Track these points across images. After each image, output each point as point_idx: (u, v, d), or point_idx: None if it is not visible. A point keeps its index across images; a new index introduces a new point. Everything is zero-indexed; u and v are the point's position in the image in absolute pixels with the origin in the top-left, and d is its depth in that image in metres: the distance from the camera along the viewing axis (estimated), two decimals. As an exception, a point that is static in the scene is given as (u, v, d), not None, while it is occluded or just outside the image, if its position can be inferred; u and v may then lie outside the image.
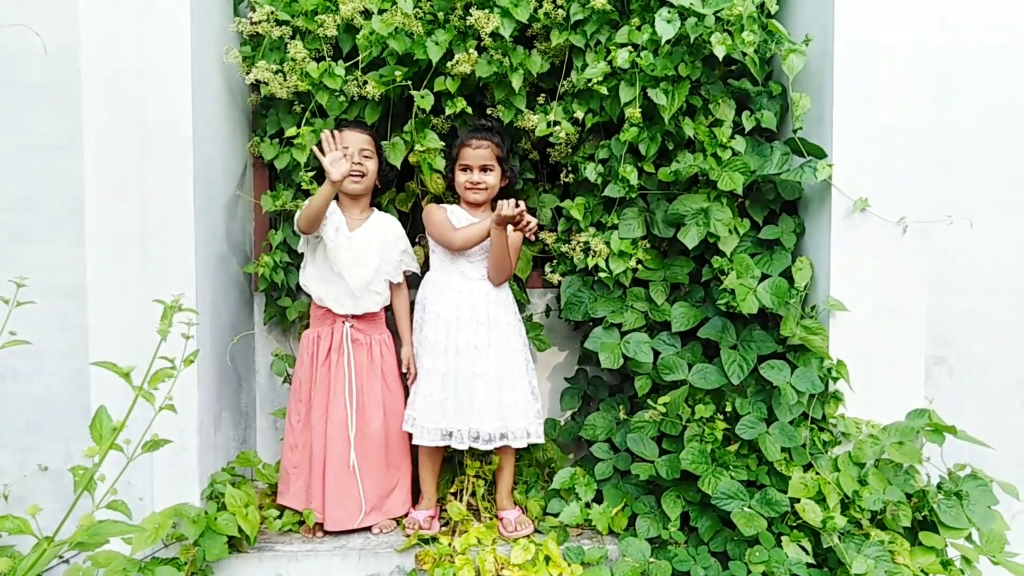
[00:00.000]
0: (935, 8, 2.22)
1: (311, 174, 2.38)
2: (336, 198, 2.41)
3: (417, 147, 2.41)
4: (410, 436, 2.35)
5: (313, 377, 2.35)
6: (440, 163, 2.43)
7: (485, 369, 2.29)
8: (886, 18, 2.19)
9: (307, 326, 2.48)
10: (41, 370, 2.47)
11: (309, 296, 2.42)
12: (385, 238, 2.39)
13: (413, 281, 2.53)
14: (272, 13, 2.36)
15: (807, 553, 2.03)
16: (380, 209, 2.52)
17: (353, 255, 2.31)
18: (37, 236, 2.45)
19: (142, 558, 2.00)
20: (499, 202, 2.13)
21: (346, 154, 2.26)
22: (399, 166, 2.45)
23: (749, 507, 2.08)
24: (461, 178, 2.38)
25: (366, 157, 2.36)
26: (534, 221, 2.18)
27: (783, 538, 2.06)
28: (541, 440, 2.35)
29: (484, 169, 2.36)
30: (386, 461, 2.37)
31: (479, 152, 2.35)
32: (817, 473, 2.13)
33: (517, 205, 2.11)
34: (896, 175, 2.22)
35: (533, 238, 2.35)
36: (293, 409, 2.39)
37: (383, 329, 2.46)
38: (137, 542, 1.96)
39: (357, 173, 2.33)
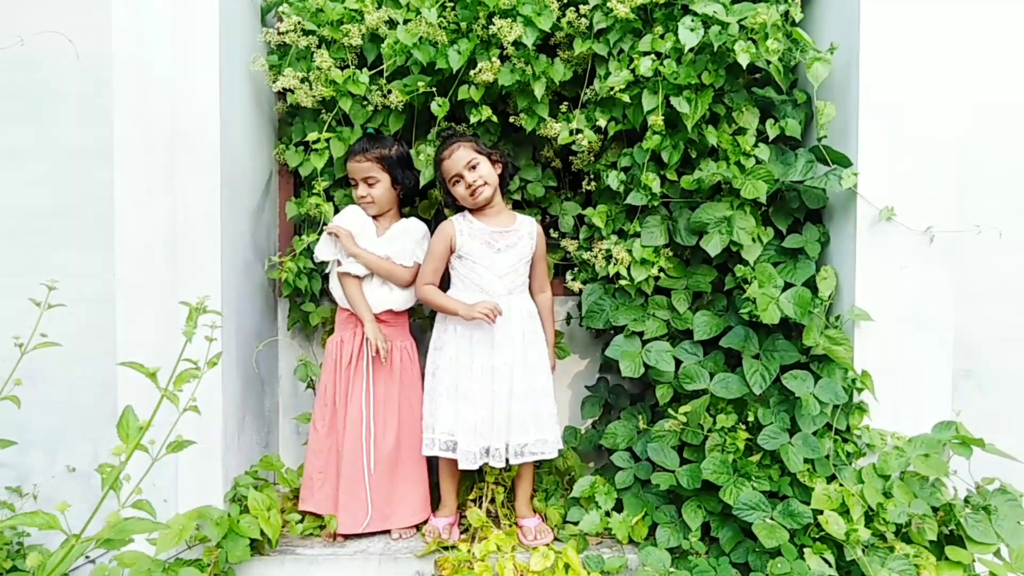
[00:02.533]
0: (963, 16, 2.19)
1: (326, 183, 2.41)
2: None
3: (428, 152, 2.44)
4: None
5: (337, 382, 2.37)
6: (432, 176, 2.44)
7: (521, 385, 2.27)
8: (912, 26, 2.17)
9: (331, 332, 2.50)
10: (70, 373, 2.52)
11: (333, 302, 2.44)
12: (404, 242, 2.41)
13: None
14: (299, 23, 2.40)
15: (830, 566, 2.00)
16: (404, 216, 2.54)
17: (380, 255, 2.37)
18: (68, 242, 2.51)
19: (166, 559, 2.03)
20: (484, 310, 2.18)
21: (355, 184, 2.40)
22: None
23: (771, 518, 2.05)
24: (458, 191, 2.32)
25: (371, 185, 2.39)
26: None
27: (805, 550, 2.03)
28: (555, 453, 2.35)
29: (470, 167, 2.29)
30: (404, 469, 2.38)
31: (455, 158, 2.29)
32: (841, 485, 2.10)
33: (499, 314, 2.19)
34: (923, 184, 2.19)
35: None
36: (318, 414, 2.41)
37: (407, 335, 2.47)
38: (161, 543, 1.99)
39: (364, 202, 2.41)
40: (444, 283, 2.44)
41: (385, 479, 2.34)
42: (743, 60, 2.12)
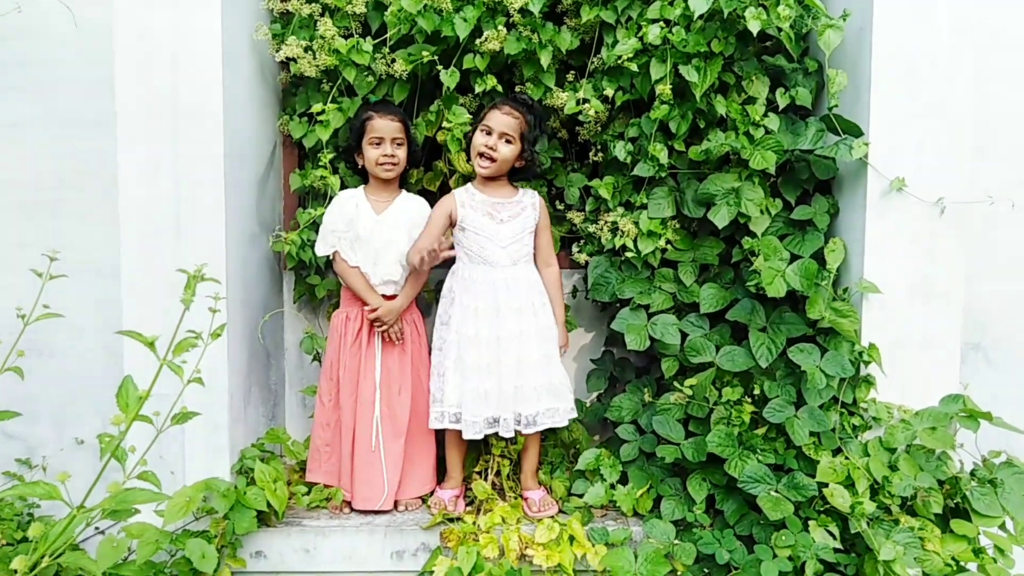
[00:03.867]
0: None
1: (331, 155, 2.39)
2: (366, 181, 2.42)
3: (445, 124, 2.40)
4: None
5: (343, 358, 2.37)
6: (453, 146, 2.41)
7: (528, 354, 2.27)
8: (928, -8, 2.12)
9: (336, 305, 2.50)
10: (78, 345, 2.53)
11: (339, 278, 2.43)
12: (411, 217, 2.38)
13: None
14: (302, -9, 2.36)
15: (834, 538, 2.01)
16: (408, 189, 2.52)
17: (384, 238, 2.33)
18: (74, 213, 2.50)
19: (173, 531, 2.04)
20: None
21: (379, 142, 2.31)
22: (426, 144, 2.44)
23: (776, 491, 2.06)
24: (477, 140, 2.28)
25: (398, 145, 2.35)
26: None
27: (810, 523, 2.04)
28: (567, 421, 2.35)
29: (504, 138, 2.27)
30: (412, 442, 2.38)
31: (505, 119, 2.26)
32: (846, 458, 2.10)
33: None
34: (935, 155, 2.16)
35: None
36: (324, 388, 2.41)
37: (413, 309, 2.46)
38: (169, 514, 2.01)
39: (389, 163, 2.34)
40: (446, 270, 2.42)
41: (395, 453, 2.35)
42: (754, 27, 2.08)
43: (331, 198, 2.42)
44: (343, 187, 2.47)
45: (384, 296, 2.36)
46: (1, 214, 2.50)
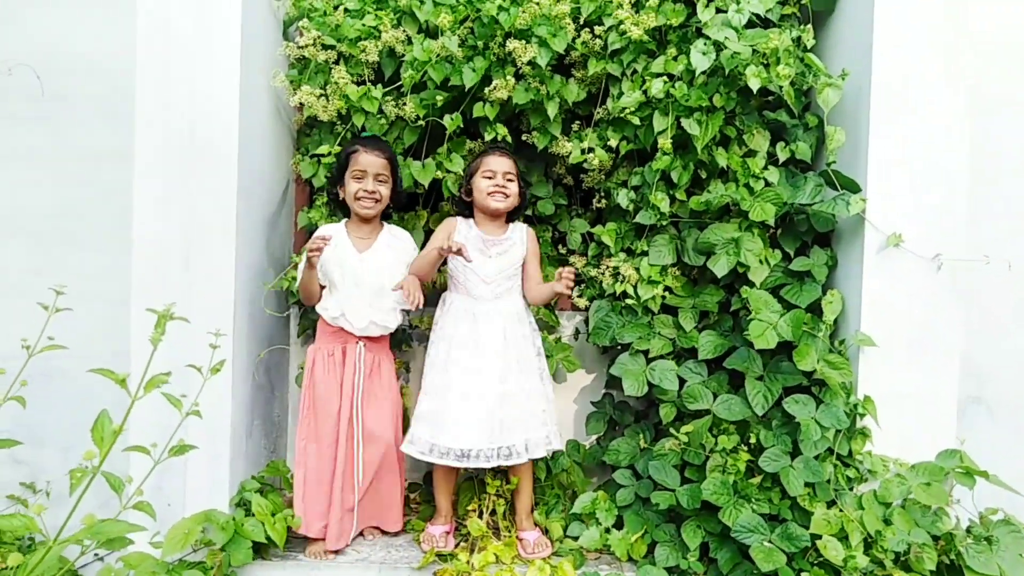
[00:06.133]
0: (974, 49, 2.20)
1: (323, 200, 2.47)
2: (347, 216, 2.43)
3: (445, 166, 2.48)
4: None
5: (316, 395, 2.33)
6: (454, 188, 2.47)
7: (507, 386, 2.30)
8: (924, 53, 2.18)
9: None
10: (86, 372, 2.56)
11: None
12: (397, 256, 2.38)
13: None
14: (318, 38, 2.45)
15: (827, 591, 2.00)
16: (413, 228, 2.57)
17: (367, 283, 2.32)
18: (87, 243, 2.56)
19: (170, 562, 2.07)
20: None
21: (362, 177, 2.31)
22: (427, 186, 2.52)
23: (769, 541, 2.06)
24: (484, 184, 2.34)
25: (381, 182, 2.34)
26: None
27: (803, 574, 2.03)
28: (562, 447, 2.37)
29: (507, 177, 2.36)
30: (385, 479, 2.38)
31: (503, 160, 2.36)
32: (841, 510, 2.10)
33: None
34: (931, 211, 2.20)
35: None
36: (300, 426, 2.35)
37: (388, 350, 2.46)
38: (167, 546, 2.03)
39: (370, 198, 2.32)
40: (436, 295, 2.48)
41: (375, 488, 2.36)
42: (754, 84, 2.14)
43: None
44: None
45: (368, 338, 2.34)
46: (15, 241, 2.56)
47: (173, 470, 2.20)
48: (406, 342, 2.80)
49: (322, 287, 2.38)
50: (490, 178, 2.35)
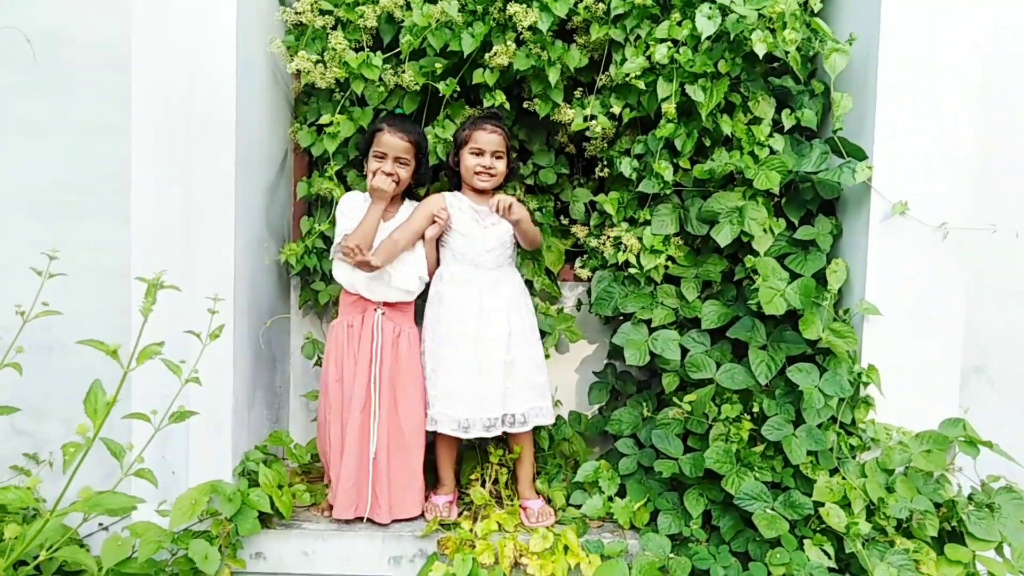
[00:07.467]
0: (985, 11, 2.16)
1: (339, 165, 2.41)
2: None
3: (435, 132, 2.45)
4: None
5: (344, 367, 2.33)
6: (443, 154, 2.44)
7: (512, 355, 2.31)
8: (933, 19, 2.14)
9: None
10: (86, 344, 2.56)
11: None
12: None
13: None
14: (315, 3, 2.40)
15: (829, 558, 2.01)
16: (416, 199, 2.55)
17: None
18: (87, 216, 2.54)
19: (176, 531, 2.08)
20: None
21: (383, 157, 2.30)
22: (435, 154, 2.48)
23: (772, 509, 2.07)
24: (471, 161, 2.34)
25: (402, 165, 2.33)
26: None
27: (805, 541, 2.05)
28: (552, 420, 2.40)
29: (496, 156, 2.35)
30: (406, 456, 2.34)
31: (492, 137, 2.34)
32: (843, 478, 2.11)
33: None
34: (938, 180, 2.17)
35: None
36: (322, 398, 2.38)
37: (412, 322, 2.43)
38: (175, 516, 2.05)
39: (390, 180, 2.29)
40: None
41: (386, 466, 2.31)
42: (760, 50, 2.11)
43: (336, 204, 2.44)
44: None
45: (386, 304, 2.34)
46: (15, 213, 2.54)
47: (176, 440, 2.20)
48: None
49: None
50: (478, 155, 2.34)
